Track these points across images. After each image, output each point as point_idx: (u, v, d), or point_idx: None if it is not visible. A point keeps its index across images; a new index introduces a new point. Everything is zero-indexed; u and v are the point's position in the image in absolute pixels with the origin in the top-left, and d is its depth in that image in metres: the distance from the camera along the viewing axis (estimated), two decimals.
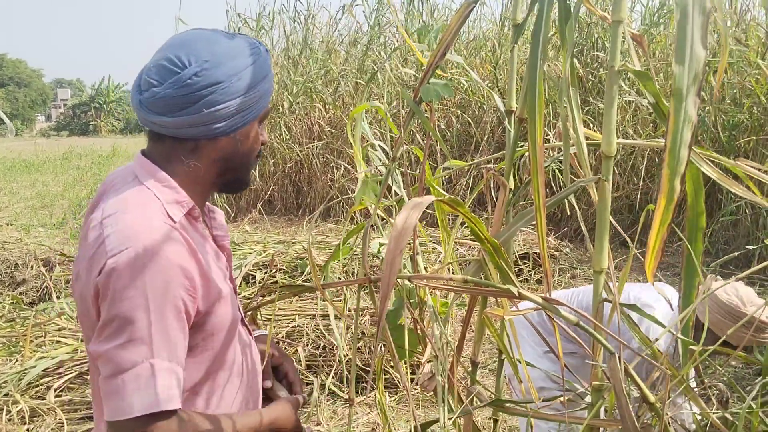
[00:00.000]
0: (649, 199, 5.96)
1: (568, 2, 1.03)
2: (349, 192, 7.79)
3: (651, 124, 6.31)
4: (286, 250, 4.99)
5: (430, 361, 1.17)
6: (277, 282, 4.46)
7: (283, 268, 4.72)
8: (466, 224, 1.11)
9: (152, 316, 1.01)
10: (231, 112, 1.10)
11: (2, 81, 51.76)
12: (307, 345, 3.65)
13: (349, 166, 7.67)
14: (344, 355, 3.52)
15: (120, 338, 1.00)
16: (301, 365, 3.50)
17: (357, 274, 4.54)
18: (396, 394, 3.56)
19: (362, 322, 3.71)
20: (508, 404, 1.19)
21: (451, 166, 1.56)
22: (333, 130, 8.16)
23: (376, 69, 8.13)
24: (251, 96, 1.12)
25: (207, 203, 1.26)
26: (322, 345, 3.67)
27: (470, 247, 5.19)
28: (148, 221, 1.06)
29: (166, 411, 1.01)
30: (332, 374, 3.55)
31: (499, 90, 7.17)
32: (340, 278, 4.21)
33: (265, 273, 4.65)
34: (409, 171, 1.38)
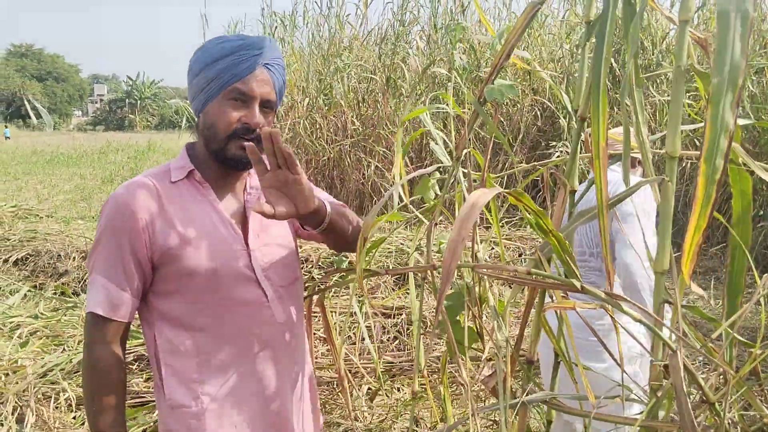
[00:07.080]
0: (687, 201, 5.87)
1: (633, 1, 1.04)
2: (382, 189, 7.82)
3: None
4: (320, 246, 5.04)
5: (490, 359, 1.18)
6: (313, 278, 4.50)
7: (320, 264, 4.77)
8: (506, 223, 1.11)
9: (101, 241, 1.31)
10: (195, 90, 1.36)
11: (41, 76, 52.88)
12: (344, 343, 3.68)
13: (379, 165, 7.70)
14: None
15: (90, 253, 1.34)
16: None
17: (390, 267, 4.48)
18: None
19: (399, 321, 3.73)
20: (562, 403, 1.20)
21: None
22: (364, 128, 8.19)
23: (405, 65, 8.17)
24: (206, 75, 1.33)
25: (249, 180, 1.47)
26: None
27: (506, 246, 5.19)
28: (133, 181, 1.36)
29: (94, 313, 1.29)
30: (368, 370, 3.57)
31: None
32: None
33: (302, 269, 4.70)
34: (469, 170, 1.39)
